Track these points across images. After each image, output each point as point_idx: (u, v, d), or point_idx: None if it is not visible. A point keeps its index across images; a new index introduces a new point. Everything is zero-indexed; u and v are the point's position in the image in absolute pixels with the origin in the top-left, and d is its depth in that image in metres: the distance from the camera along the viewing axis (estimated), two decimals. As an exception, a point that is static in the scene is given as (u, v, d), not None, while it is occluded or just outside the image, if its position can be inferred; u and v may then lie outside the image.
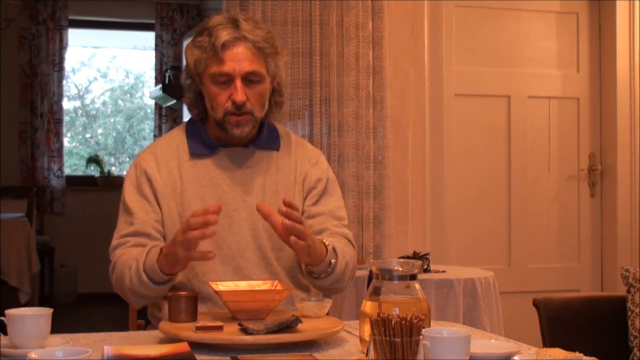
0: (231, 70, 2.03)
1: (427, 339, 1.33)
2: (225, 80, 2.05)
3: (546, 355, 1.47)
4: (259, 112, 2.09)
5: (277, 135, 2.21)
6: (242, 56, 2.03)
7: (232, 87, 2.04)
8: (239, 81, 2.03)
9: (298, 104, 4.02)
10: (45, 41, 7.52)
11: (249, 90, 2.05)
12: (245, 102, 2.04)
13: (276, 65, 2.10)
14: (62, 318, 2.43)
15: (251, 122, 2.08)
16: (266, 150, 2.17)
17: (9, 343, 1.59)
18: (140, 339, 1.78)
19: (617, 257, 4.51)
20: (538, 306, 3.08)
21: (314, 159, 2.22)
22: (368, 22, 4.03)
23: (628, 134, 4.52)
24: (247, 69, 2.04)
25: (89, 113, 8.79)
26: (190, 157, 2.13)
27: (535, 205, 4.56)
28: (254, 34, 2.05)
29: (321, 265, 1.98)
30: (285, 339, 1.64)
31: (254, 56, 2.04)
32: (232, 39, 2.03)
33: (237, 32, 2.04)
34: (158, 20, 7.88)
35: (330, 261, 1.99)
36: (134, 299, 2.02)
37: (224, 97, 2.05)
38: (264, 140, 2.17)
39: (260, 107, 2.09)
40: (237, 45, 2.03)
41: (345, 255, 2.05)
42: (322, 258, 1.97)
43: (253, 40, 2.04)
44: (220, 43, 2.02)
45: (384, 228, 4.03)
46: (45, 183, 7.51)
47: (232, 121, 2.06)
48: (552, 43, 4.61)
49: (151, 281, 1.92)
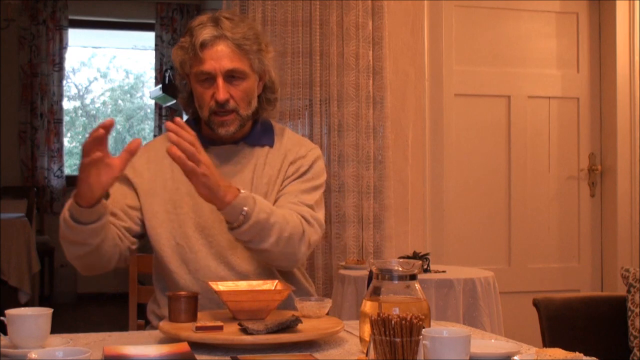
0: (212, 69, 2.03)
1: (427, 339, 1.33)
2: (207, 79, 2.05)
3: (546, 355, 1.47)
4: (244, 110, 2.08)
5: (272, 132, 2.20)
6: (221, 54, 2.03)
7: (215, 86, 2.04)
8: (220, 79, 2.03)
9: (298, 104, 4.02)
10: (45, 41, 7.52)
11: (232, 88, 2.05)
12: (227, 99, 2.04)
13: (261, 62, 2.09)
14: (62, 318, 2.43)
15: (237, 121, 2.08)
16: (257, 147, 2.16)
17: (9, 343, 1.59)
18: (140, 339, 1.78)
19: (617, 257, 4.51)
20: (538, 306, 3.08)
21: (302, 153, 2.18)
22: (368, 22, 4.03)
23: (628, 134, 4.52)
24: (227, 66, 2.03)
25: (89, 113, 8.80)
26: None
27: (535, 205, 4.56)
28: (233, 32, 2.04)
29: (230, 210, 1.89)
30: (285, 339, 1.64)
31: (234, 54, 2.04)
32: (211, 37, 2.03)
33: (217, 30, 2.04)
34: (158, 20, 7.88)
35: (242, 208, 1.89)
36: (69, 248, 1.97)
37: (208, 96, 2.06)
38: (255, 137, 2.17)
39: (246, 104, 2.08)
40: (216, 44, 2.03)
41: (273, 214, 1.95)
42: (227, 199, 1.87)
43: (232, 37, 2.03)
44: (199, 42, 2.03)
45: (384, 228, 4.03)
46: (45, 183, 7.51)
47: (217, 121, 2.07)
48: (552, 43, 4.61)
49: (76, 221, 1.88)
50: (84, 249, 1.95)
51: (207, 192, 1.87)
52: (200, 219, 2.08)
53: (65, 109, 7.85)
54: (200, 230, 2.08)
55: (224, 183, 1.88)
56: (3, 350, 1.56)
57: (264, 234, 1.94)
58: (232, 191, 1.89)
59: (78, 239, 1.93)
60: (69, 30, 7.70)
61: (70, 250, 1.98)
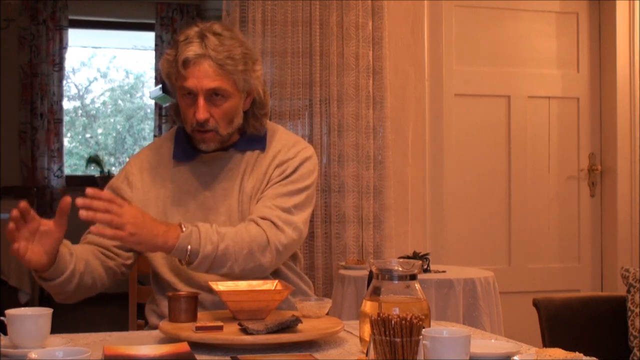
0: (193, 87, 2.00)
1: (427, 339, 1.32)
2: (189, 94, 2.03)
3: (546, 355, 1.47)
4: (224, 130, 2.05)
5: (264, 137, 2.18)
6: (203, 74, 1.99)
7: (196, 105, 2.02)
8: (201, 99, 2.01)
9: (298, 104, 4.02)
10: (45, 41, 7.52)
11: (213, 107, 2.02)
12: (207, 119, 2.02)
13: (246, 81, 2.05)
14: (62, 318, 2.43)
15: (217, 139, 2.06)
16: (248, 151, 2.15)
17: (9, 343, 1.59)
18: (140, 339, 1.78)
19: (617, 257, 4.51)
20: (538, 306, 3.08)
21: (290, 154, 2.15)
22: (368, 22, 4.03)
23: (628, 134, 4.52)
24: (208, 85, 2.00)
25: (89, 113, 8.80)
26: (174, 164, 2.14)
27: (535, 205, 4.56)
28: (217, 51, 1.99)
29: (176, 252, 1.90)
30: (285, 339, 1.64)
31: (216, 74, 2.00)
32: (195, 56, 1.99)
33: (201, 48, 1.99)
34: (158, 20, 7.88)
35: (186, 248, 1.89)
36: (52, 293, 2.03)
37: (191, 113, 2.04)
38: (245, 142, 2.15)
39: (226, 124, 2.05)
40: (199, 63, 1.99)
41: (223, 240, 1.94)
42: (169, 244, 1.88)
43: (215, 57, 1.99)
44: (182, 60, 2.00)
45: (384, 228, 4.03)
46: (45, 183, 7.51)
47: (198, 137, 2.06)
48: (552, 43, 4.61)
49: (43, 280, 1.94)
50: (64, 293, 1.99)
51: (144, 246, 1.88)
52: None
53: (65, 109, 7.85)
54: None
55: (161, 228, 1.87)
56: (3, 350, 1.56)
57: (218, 262, 1.94)
58: (173, 233, 1.88)
59: (55, 290, 1.97)
60: (69, 30, 7.71)
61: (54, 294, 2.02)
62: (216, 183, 2.11)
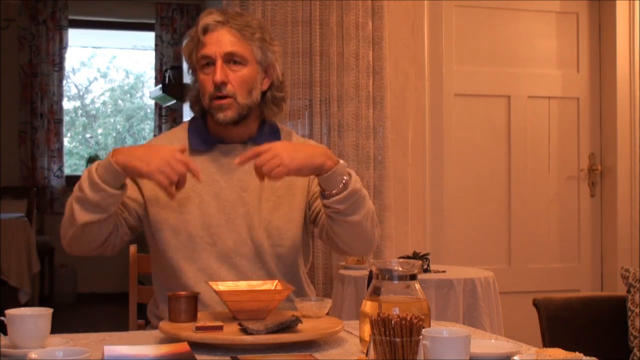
0: (211, 52, 2.05)
1: (427, 339, 1.33)
2: (207, 63, 2.07)
3: (546, 355, 1.47)
4: (242, 98, 2.07)
5: (278, 134, 2.20)
6: (222, 38, 2.05)
7: (214, 69, 2.06)
8: (219, 61, 2.05)
9: (298, 104, 4.02)
10: (45, 41, 7.52)
11: (231, 73, 2.06)
12: (225, 82, 2.04)
13: (264, 53, 2.10)
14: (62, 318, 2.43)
15: (235, 108, 2.06)
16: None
17: (9, 343, 1.59)
18: (140, 339, 1.78)
19: (617, 257, 4.51)
20: (538, 306, 3.08)
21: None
22: (368, 22, 4.03)
23: (628, 134, 4.52)
24: (226, 49, 2.05)
25: (89, 113, 8.80)
26: (190, 153, 2.12)
27: (535, 205, 4.56)
28: (236, 19, 2.07)
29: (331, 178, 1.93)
30: (285, 339, 1.64)
31: (235, 38, 2.06)
32: (215, 22, 2.06)
33: (221, 17, 2.07)
34: (158, 20, 7.88)
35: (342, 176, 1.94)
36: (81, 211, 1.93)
37: (209, 82, 2.07)
38: (263, 137, 2.15)
39: (245, 92, 2.07)
40: (219, 29, 2.06)
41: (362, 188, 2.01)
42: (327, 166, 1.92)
43: (235, 23, 2.06)
44: (202, 27, 2.06)
45: (384, 228, 4.03)
46: (45, 183, 7.51)
47: (215, 105, 2.07)
48: (552, 43, 4.61)
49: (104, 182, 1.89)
50: (97, 215, 1.93)
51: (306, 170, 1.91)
52: (207, 218, 2.07)
53: (65, 109, 7.85)
54: (205, 229, 2.07)
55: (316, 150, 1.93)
56: (3, 350, 1.56)
57: (359, 203, 1.99)
58: (330, 158, 1.92)
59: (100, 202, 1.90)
60: (69, 30, 7.70)
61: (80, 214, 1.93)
62: (233, 175, 2.11)
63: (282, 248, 2.10)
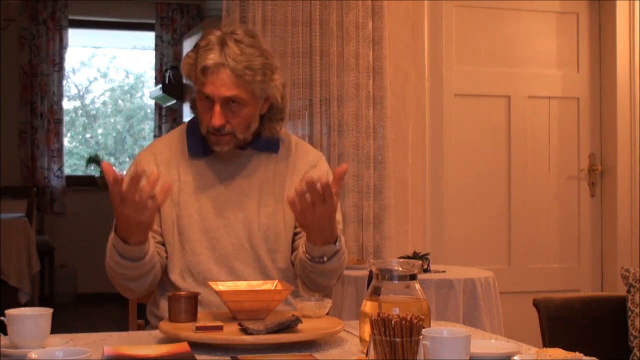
0: (211, 94, 2.02)
1: (427, 339, 1.33)
2: (207, 99, 2.04)
3: (546, 355, 1.47)
4: (241, 134, 2.07)
5: (277, 138, 2.20)
6: (221, 82, 2.00)
7: (213, 110, 2.03)
8: (217, 106, 2.01)
9: (298, 104, 4.02)
10: (45, 41, 7.52)
11: (230, 113, 2.03)
12: (223, 125, 2.03)
13: (264, 90, 2.05)
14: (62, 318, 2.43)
15: (233, 142, 2.07)
16: (264, 153, 2.16)
17: (9, 343, 1.59)
18: (140, 339, 1.78)
19: (617, 257, 4.51)
20: (538, 306, 3.08)
21: (313, 162, 2.21)
22: (368, 22, 4.03)
23: (628, 134, 4.52)
24: (225, 94, 2.00)
25: (89, 113, 8.80)
26: (189, 158, 2.13)
27: (535, 205, 4.56)
28: (236, 60, 1.99)
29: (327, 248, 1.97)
30: (285, 339, 1.64)
31: (234, 83, 2.00)
32: (214, 64, 2.00)
33: (220, 57, 2.00)
34: (158, 20, 7.88)
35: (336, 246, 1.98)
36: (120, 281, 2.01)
37: (207, 117, 2.05)
38: (262, 143, 2.16)
39: (243, 129, 2.06)
40: (218, 71, 2.00)
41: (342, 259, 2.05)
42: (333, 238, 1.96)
43: (233, 67, 1.99)
44: (201, 67, 2.01)
45: (384, 228, 4.03)
46: (45, 183, 7.51)
47: (212, 140, 2.06)
48: (552, 43, 4.61)
49: (122, 257, 1.91)
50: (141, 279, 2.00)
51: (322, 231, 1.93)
52: (206, 222, 2.08)
53: (65, 109, 7.85)
54: (204, 233, 2.07)
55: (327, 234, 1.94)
56: (3, 350, 1.56)
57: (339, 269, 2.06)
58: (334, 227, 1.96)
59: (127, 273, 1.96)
60: (69, 30, 7.70)
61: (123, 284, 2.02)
62: (233, 180, 2.12)
63: (280, 254, 2.11)
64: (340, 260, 2.02)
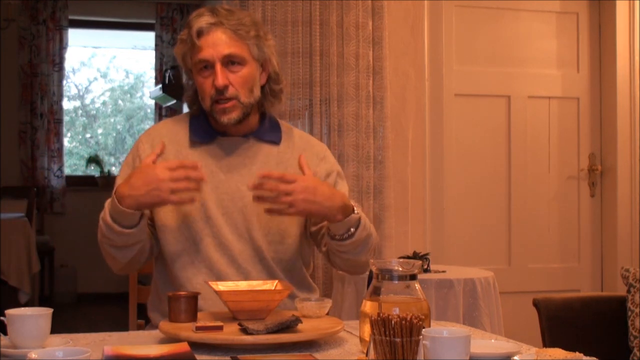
0: (209, 56, 2.03)
1: (427, 339, 1.32)
2: (206, 67, 2.04)
3: (546, 355, 1.47)
4: (245, 98, 2.06)
5: (279, 129, 2.20)
6: (218, 41, 2.03)
7: (214, 73, 2.03)
8: (218, 65, 2.02)
9: (298, 104, 4.02)
10: (45, 41, 7.52)
11: (231, 74, 2.04)
12: (227, 85, 2.03)
13: (260, 50, 2.08)
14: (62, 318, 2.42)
15: (239, 108, 2.06)
16: (266, 143, 2.16)
17: (9, 343, 1.59)
18: (140, 339, 1.78)
19: (617, 257, 4.51)
20: (538, 306, 3.08)
21: (321, 154, 2.22)
22: (368, 22, 4.03)
23: (628, 134, 4.52)
24: (224, 52, 2.02)
25: (89, 113, 8.80)
26: (190, 145, 2.13)
27: (535, 205, 4.56)
28: (228, 19, 2.04)
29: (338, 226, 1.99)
30: (285, 339, 1.64)
31: (231, 40, 2.03)
32: (208, 25, 2.03)
33: (213, 18, 2.04)
34: (158, 20, 7.88)
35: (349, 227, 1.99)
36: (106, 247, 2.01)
37: (209, 85, 2.04)
38: (264, 131, 2.16)
39: (247, 91, 2.07)
40: (213, 31, 2.03)
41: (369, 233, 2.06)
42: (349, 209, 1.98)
43: (229, 24, 2.03)
44: (196, 30, 2.03)
45: (384, 228, 4.03)
46: (45, 183, 7.51)
47: (218, 109, 2.05)
48: (552, 43, 4.61)
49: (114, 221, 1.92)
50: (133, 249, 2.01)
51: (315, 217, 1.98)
52: (205, 209, 2.07)
53: (65, 109, 7.85)
54: (205, 220, 2.07)
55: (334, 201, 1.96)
56: (3, 350, 1.56)
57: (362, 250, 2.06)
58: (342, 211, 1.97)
59: (127, 243, 1.97)
60: (69, 30, 7.70)
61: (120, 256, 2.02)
62: (233, 168, 2.11)
63: (280, 245, 2.11)
64: (366, 228, 2.03)
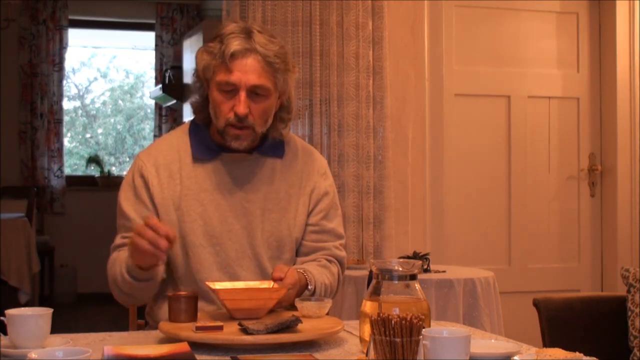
0: (237, 81, 1.99)
1: (427, 339, 1.32)
2: (230, 90, 2.00)
3: (546, 355, 1.47)
4: (260, 128, 2.04)
5: (282, 142, 2.18)
6: (250, 68, 1.98)
7: (236, 98, 2.00)
8: (243, 93, 1.99)
9: (298, 104, 4.02)
10: (45, 41, 7.52)
11: (253, 104, 2.01)
12: (247, 115, 2.00)
13: (285, 82, 2.05)
14: (62, 318, 2.42)
15: (251, 137, 2.04)
16: (270, 158, 2.14)
17: (9, 343, 1.59)
18: (140, 339, 1.78)
19: (617, 257, 4.51)
20: (538, 306, 3.08)
21: (322, 170, 2.21)
22: (368, 22, 4.03)
23: (628, 134, 4.52)
24: (253, 82, 1.99)
25: (89, 113, 8.80)
26: (193, 161, 2.10)
27: (535, 205, 4.56)
28: (266, 48, 1.99)
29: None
30: (285, 339, 1.64)
31: (262, 70, 1.99)
32: (243, 49, 1.98)
33: (249, 43, 1.99)
34: (158, 20, 7.88)
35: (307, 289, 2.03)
36: (123, 298, 2.06)
37: (227, 107, 2.01)
38: (268, 147, 2.14)
39: (263, 122, 2.05)
40: (247, 57, 1.98)
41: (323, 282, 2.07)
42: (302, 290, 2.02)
43: (264, 53, 1.99)
44: (230, 52, 1.98)
45: (384, 228, 4.03)
46: (45, 183, 7.51)
47: (231, 133, 2.03)
48: (552, 43, 4.61)
49: (134, 279, 1.93)
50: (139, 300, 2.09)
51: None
52: (209, 228, 2.06)
53: (65, 109, 7.85)
54: (208, 239, 2.06)
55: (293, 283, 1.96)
56: (3, 350, 1.56)
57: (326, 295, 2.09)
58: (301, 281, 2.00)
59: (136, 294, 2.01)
60: (69, 30, 7.70)
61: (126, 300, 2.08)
62: (237, 185, 2.09)
63: (282, 261, 2.10)
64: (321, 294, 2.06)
